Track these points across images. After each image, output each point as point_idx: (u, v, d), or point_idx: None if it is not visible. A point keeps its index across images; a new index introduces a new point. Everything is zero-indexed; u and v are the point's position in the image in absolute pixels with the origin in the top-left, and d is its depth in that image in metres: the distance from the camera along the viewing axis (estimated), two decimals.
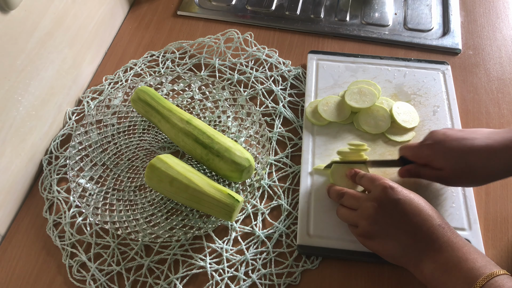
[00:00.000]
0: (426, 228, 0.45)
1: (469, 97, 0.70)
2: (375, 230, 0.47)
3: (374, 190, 0.49)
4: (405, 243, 0.45)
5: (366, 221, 0.48)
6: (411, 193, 0.47)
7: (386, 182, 0.48)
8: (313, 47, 0.77)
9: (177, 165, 0.54)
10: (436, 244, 0.44)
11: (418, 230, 0.45)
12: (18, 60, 0.55)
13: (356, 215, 0.50)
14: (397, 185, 0.48)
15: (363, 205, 0.49)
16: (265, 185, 0.60)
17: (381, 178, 0.50)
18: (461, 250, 0.43)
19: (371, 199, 0.48)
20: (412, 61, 0.72)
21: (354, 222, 0.50)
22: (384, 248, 0.47)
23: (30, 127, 0.60)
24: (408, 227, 0.45)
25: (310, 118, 0.65)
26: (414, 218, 0.45)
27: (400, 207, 0.46)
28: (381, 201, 0.47)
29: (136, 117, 0.67)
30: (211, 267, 0.54)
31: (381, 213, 0.47)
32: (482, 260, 0.42)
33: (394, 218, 0.46)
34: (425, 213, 0.45)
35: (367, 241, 0.49)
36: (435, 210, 0.46)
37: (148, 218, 0.57)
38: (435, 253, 0.44)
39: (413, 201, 0.46)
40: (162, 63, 0.75)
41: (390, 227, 0.46)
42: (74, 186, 0.58)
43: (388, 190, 0.47)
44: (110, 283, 0.53)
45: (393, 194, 0.47)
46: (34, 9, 0.56)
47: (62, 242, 0.56)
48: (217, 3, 0.84)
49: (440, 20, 0.81)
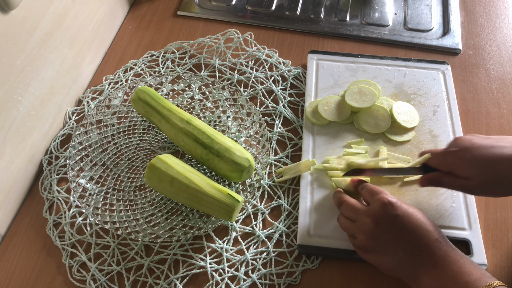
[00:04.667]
0: (423, 244, 0.44)
1: (469, 97, 0.70)
2: (372, 245, 0.47)
3: (373, 204, 0.48)
4: (402, 258, 0.45)
5: (363, 235, 0.47)
6: (409, 207, 0.47)
7: (385, 197, 0.47)
8: (313, 47, 0.77)
9: (177, 165, 0.54)
10: (433, 259, 0.44)
11: (415, 246, 0.45)
12: (18, 60, 0.55)
13: (355, 228, 0.49)
14: (396, 199, 0.47)
15: (361, 219, 0.48)
16: (265, 185, 0.60)
17: (380, 191, 0.49)
18: (456, 264, 0.43)
19: (369, 214, 0.47)
20: (412, 61, 0.72)
21: (352, 234, 0.50)
22: (381, 262, 0.47)
23: (30, 127, 0.60)
24: (405, 243, 0.45)
25: (310, 118, 0.65)
26: (411, 234, 0.45)
27: (398, 223, 0.45)
28: (379, 217, 0.46)
29: (136, 117, 0.67)
30: (211, 267, 0.54)
31: (379, 229, 0.46)
32: (477, 273, 0.41)
33: (391, 234, 0.46)
34: (423, 229, 0.45)
35: (364, 254, 0.48)
36: (432, 224, 0.46)
37: (148, 218, 0.57)
38: (432, 268, 0.43)
39: (412, 217, 0.46)
40: (162, 63, 0.75)
41: (388, 243, 0.46)
42: (74, 186, 0.58)
43: (387, 206, 0.46)
44: (110, 283, 0.53)
45: (391, 210, 0.46)
46: (34, 9, 0.56)
47: (62, 242, 0.56)
48: (217, 3, 0.84)
49: (440, 20, 0.81)
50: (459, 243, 0.54)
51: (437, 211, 0.56)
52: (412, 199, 0.57)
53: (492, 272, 0.53)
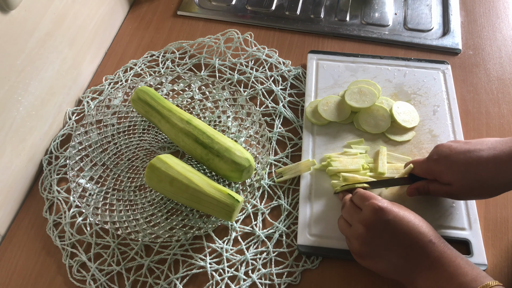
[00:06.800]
0: (417, 247, 0.44)
1: (469, 97, 0.70)
2: (366, 250, 0.47)
3: (364, 210, 0.47)
4: (397, 262, 0.45)
5: (357, 241, 0.47)
6: (400, 210, 0.46)
7: (375, 203, 0.46)
8: (313, 47, 0.77)
9: (177, 165, 0.54)
10: (428, 261, 0.44)
11: (409, 250, 0.44)
12: (18, 60, 0.55)
13: (350, 232, 0.49)
14: (386, 204, 0.46)
15: (354, 225, 0.48)
16: (265, 185, 0.60)
17: (371, 197, 0.48)
18: (451, 265, 0.42)
19: (361, 220, 0.47)
20: (412, 61, 0.72)
21: (348, 238, 0.50)
22: (377, 267, 0.47)
23: (30, 127, 0.60)
24: (399, 247, 0.45)
25: (310, 118, 0.65)
26: (404, 238, 0.45)
27: (390, 228, 0.45)
28: (371, 223, 0.46)
29: (136, 117, 0.67)
30: (211, 267, 0.54)
31: (371, 235, 0.46)
32: (472, 273, 0.41)
33: (384, 239, 0.46)
34: (415, 231, 0.45)
35: (359, 259, 0.48)
36: (426, 225, 0.46)
37: (148, 218, 0.57)
38: (427, 270, 0.43)
39: (403, 220, 0.45)
40: (162, 63, 0.75)
41: (381, 248, 0.46)
42: (74, 186, 0.58)
43: (378, 212, 0.46)
44: (110, 283, 0.53)
45: (382, 215, 0.46)
46: (34, 9, 0.56)
47: (62, 242, 0.56)
48: (217, 3, 0.84)
49: (440, 20, 0.81)
50: (459, 243, 0.54)
51: (437, 211, 0.56)
52: (412, 200, 0.57)
53: (491, 272, 0.53)
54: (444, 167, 0.49)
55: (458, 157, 0.48)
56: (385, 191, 0.58)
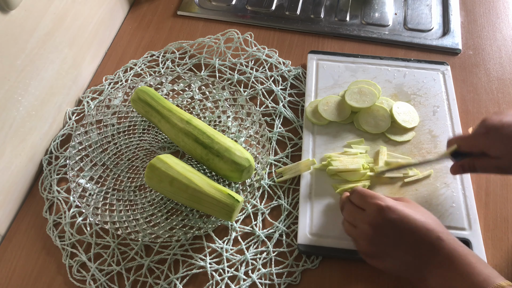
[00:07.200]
0: (426, 244, 0.44)
1: (469, 97, 0.70)
2: (374, 250, 0.46)
3: (368, 210, 0.47)
4: (406, 261, 0.45)
5: (364, 242, 0.47)
6: (406, 208, 0.46)
7: (379, 202, 0.46)
8: (313, 47, 0.77)
9: (177, 165, 0.54)
10: (437, 258, 0.43)
11: (417, 248, 0.44)
12: (18, 60, 0.55)
13: (356, 233, 0.48)
14: (391, 202, 0.46)
15: (360, 226, 0.47)
16: (265, 185, 0.60)
17: (373, 195, 0.47)
18: (462, 263, 0.42)
19: (367, 220, 0.46)
20: (412, 61, 0.72)
21: (355, 239, 0.49)
22: (386, 266, 0.46)
23: (30, 127, 0.60)
24: (407, 246, 0.45)
25: (310, 118, 0.65)
26: (412, 236, 0.44)
27: (397, 227, 0.45)
28: (376, 223, 0.46)
29: (136, 117, 0.67)
30: (211, 267, 0.54)
31: (378, 234, 0.46)
32: (484, 272, 0.41)
33: (391, 238, 0.45)
34: (422, 228, 0.44)
35: (368, 259, 0.48)
36: (433, 221, 0.45)
37: (148, 218, 0.57)
38: (437, 268, 0.43)
39: (409, 218, 0.45)
40: (162, 63, 0.75)
41: (389, 247, 0.45)
42: (74, 186, 0.58)
43: (382, 211, 0.45)
44: (110, 283, 0.53)
45: (388, 214, 0.45)
46: (34, 9, 0.56)
47: (62, 242, 0.56)
48: (217, 3, 0.84)
49: (440, 20, 0.81)
50: None
51: (437, 211, 0.56)
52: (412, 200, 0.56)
53: None
54: (495, 139, 0.48)
55: (510, 129, 0.47)
56: (385, 191, 0.58)
